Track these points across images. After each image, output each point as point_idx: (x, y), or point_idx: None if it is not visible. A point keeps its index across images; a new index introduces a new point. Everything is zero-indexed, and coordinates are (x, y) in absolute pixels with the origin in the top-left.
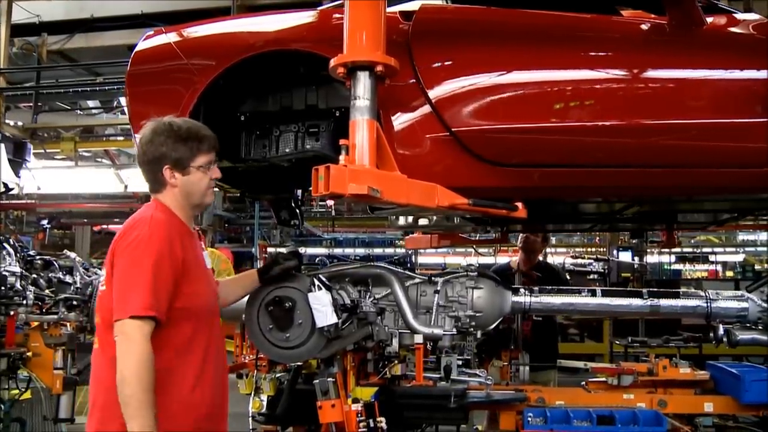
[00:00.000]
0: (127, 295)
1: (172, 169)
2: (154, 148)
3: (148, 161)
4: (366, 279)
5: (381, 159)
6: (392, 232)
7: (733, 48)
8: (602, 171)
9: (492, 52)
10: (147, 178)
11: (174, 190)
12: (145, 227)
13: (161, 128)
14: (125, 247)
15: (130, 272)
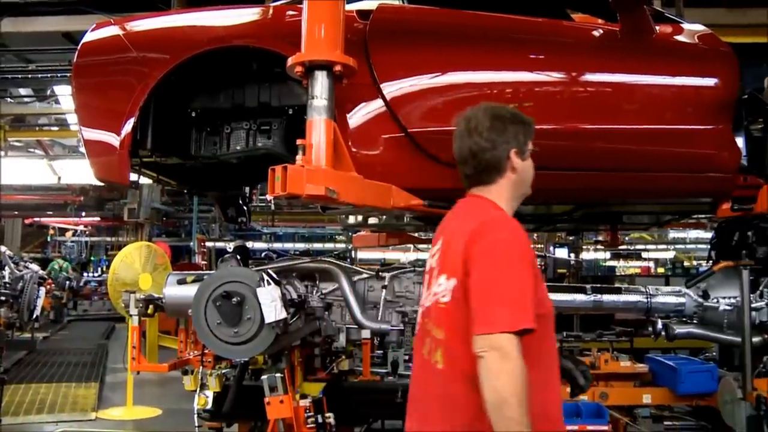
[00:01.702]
0: (499, 307)
1: (517, 155)
2: (497, 133)
3: (492, 147)
4: (313, 274)
5: (337, 159)
6: (332, 227)
7: (681, 56)
8: (554, 174)
9: (448, 54)
10: (479, 169)
11: (512, 178)
12: (503, 228)
13: (498, 112)
14: (486, 252)
15: (498, 281)
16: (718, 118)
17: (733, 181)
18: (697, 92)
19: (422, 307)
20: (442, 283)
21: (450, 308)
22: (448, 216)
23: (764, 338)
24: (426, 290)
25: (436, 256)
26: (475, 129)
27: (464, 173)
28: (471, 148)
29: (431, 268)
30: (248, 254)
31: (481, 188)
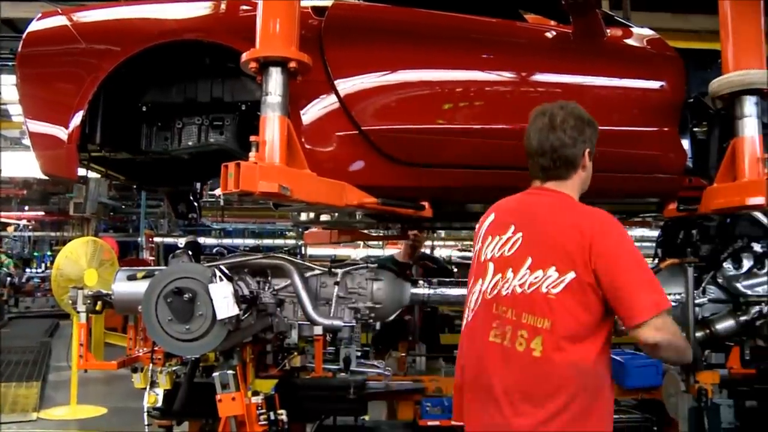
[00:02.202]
0: (646, 293)
1: (589, 155)
2: (578, 132)
3: (573, 144)
4: (265, 270)
5: (291, 156)
6: (283, 223)
7: (630, 59)
8: (507, 173)
9: (402, 52)
10: (557, 163)
11: (582, 176)
12: (617, 223)
13: (580, 113)
14: (618, 247)
15: (641, 272)
16: (666, 121)
17: (679, 182)
18: (646, 95)
19: (488, 294)
20: (551, 274)
21: (561, 299)
22: (517, 206)
23: (706, 333)
24: (490, 279)
25: (515, 245)
26: (560, 125)
27: (541, 165)
28: (553, 143)
29: (506, 257)
30: (200, 250)
31: (556, 182)
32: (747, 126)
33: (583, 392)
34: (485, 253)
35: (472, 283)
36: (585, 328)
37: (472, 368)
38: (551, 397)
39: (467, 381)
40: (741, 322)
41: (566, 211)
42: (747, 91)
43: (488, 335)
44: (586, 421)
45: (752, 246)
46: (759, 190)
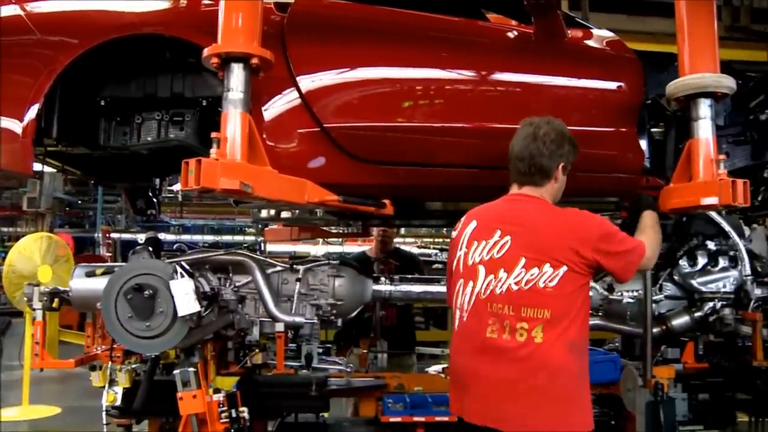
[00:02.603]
0: (632, 252)
1: (563, 169)
2: (557, 146)
3: (549, 156)
4: (226, 266)
5: (252, 153)
6: (242, 219)
7: (590, 60)
8: (467, 172)
9: (364, 50)
10: (533, 170)
11: (555, 187)
12: (591, 214)
13: (562, 130)
14: (604, 234)
15: (623, 240)
16: (624, 121)
17: (637, 182)
18: (605, 96)
19: (482, 295)
20: (546, 270)
21: (558, 290)
22: (500, 213)
23: (662, 329)
24: (483, 280)
25: (503, 248)
26: (542, 137)
27: (519, 169)
28: (532, 151)
29: (496, 259)
30: (160, 246)
31: (532, 188)
32: (702, 128)
33: (575, 372)
34: (472, 257)
35: (462, 286)
36: (576, 308)
37: (467, 364)
38: (543, 382)
39: (463, 375)
40: (695, 318)
41: (555, 214)
42: (702, 94)
43: (485, 332)
44: (575, 399)
45: (707, 244)
46: (713, 190)
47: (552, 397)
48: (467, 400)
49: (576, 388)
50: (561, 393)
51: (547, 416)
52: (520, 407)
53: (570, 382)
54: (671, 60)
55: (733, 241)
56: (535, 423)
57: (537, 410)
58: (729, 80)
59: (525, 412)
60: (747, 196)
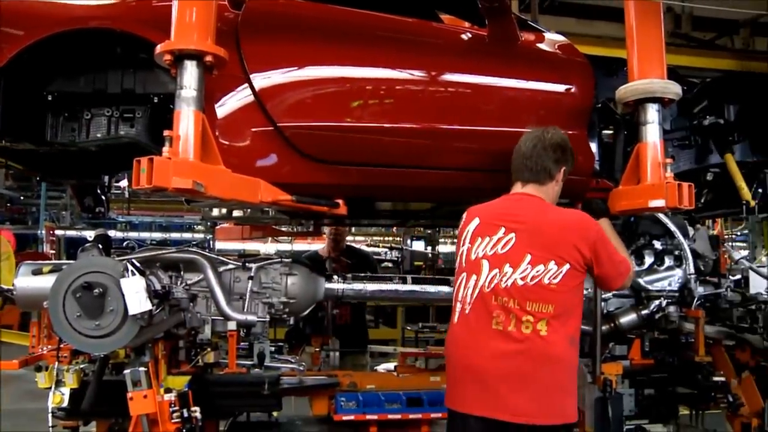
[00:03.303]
0: (625, 264)
1: (564, 173)
2: (563, 152)
3: (554, 158)
4: (178, 264)
5: (205, 152)
6: (191, 216)
7: (542, 64)
8: (421, 172)
9: (318, 49)
10: (538, 168)
11: (555, 188)
12: (592, 219)
13: (566, 139)
14: (602, 238)
15: (615, 251)
16: (575, 124)
17: (587, 184)
18: (557, 99)
19: (486, 288)
20: (551, 268)
21: (561, 287)
22: (503, 210)
23: (611, 327)
24: (487, 274)
25: (508, 244)
26: (549, 139)
27: (527, 166)
28: (539, 151)
29: (500, 254)
30: (110, 243)
31: (535, 186)
32: (650, 132)
33: (572, 365)
34: (476, 252)
35: (465, 279)
36: (576, 305)
37: (471, 355)
38: (547, 374)
39: (465, 367)
40: (642, 316)
41: (558, 212)
42: (650, 99)
43: (490, 324)
44: (571, 390)
45: (653, 243)
46: (660, 193)
47: (554, 389)
48: (471, 392)
49: (572, 380)
50: (562, 384)
51: (550, 407)
52: (526, 398)
53: (569, 374)
54: (621, 65)
55: (678, 240)
56: (539, 414)
57: (541, 401)
58: (676, 86)
59: (529, 403)
60: (692, 199)
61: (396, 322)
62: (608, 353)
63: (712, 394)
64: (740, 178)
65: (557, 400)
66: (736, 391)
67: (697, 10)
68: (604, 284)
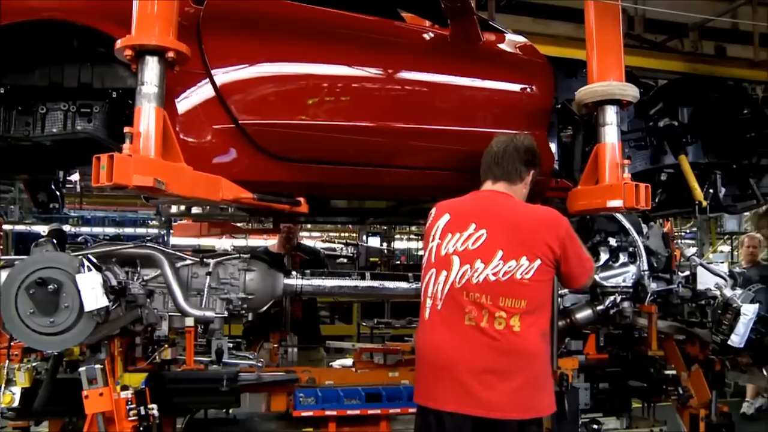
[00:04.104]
0: (590, 261)
1: (532, 176)
2: (534, 156)
3: (523, 162)
4: (134, 260)
5: (166, 149)
6: (145, 211)
7: (503, 64)
8: (382, 171)
9: (280, 46)
10: (511, 168)
11: (523, 191)
12: (563, 216)
13: (534, 144)
14: (571, 235)
15: (582, 249)
16: (536, 124)
17: (547, 184)
18: (518, 99)
19: (457, 284)
20: (523, 263)
21: (534, 282)
22: (474, 206)
23: (567, 322)
24: (457, 270)
25: (479, 240)
26: (520, 141)
27: (499, 164)
28: (511, 153)
29: (471, 250)
30: (65, 238)
31: (506, 185)
32: (608, 133)
33: (545, 359)
34: (446, 248)
35: (434, 275)
36: (547, 300)
37: (443, 351)
38: (521, 369)
39: (437, 363)
40: (597, 312)
41: (529, 209)
42: (609, 101)
43: (463, 320)
44: (545, 384)
45: (608, 240)
46: (618, 193)
47: (528, 383)
48: (444, 388)
49: (547, 373)
50: (536, 379)
51: (524, 402)
52: (500, 393)
53: (543, 368)
54: (580, 66)
55: (632, 238)
56: (513, 408)
57: (515, 396)
58: (634, 89)
59: (504, 397)
60: (649, 200)
61: (352, 318)
62: (564, 348)
63: (663, 387)
64: (693, 179)
65: (531, 395)
66: (686, 383)
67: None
68: (569, 281)
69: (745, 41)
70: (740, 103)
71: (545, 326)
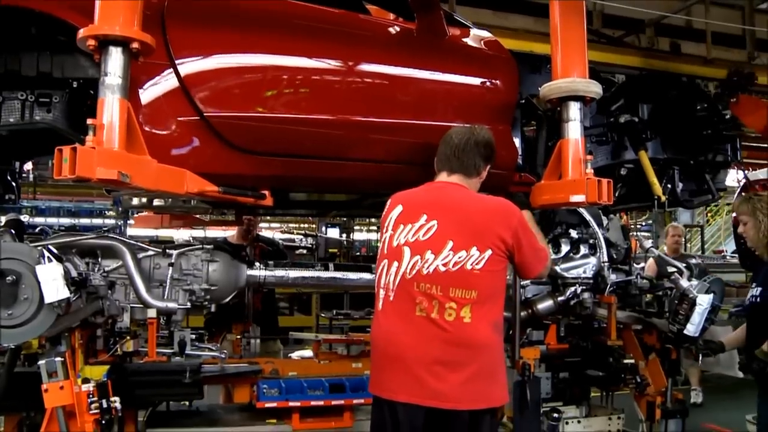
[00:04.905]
0: (544, 251)
1: (487, 169)
2: (492, 150)
3: (481, 156)
4: (95, 250)
5: (130, 141)
6: (101, 201)
7: (469, 59)
8: (348, 164)
9: (244, 38)
10: (470, 163)
11: (478, 184)
12: (516, 207)
13: (492, 137)
14: (524, 225)
15: (535, 239)
16: (500, 119)
17: (511, 178)
18: (483, 94)
19: (407, 275)
20: (473, 254)
21: (484, 272)
22: (427, 198)
23: (528, 313)
24: (408, 261)
25: (430, 231)
26: (479, 136)
27: (457, 156)
28: (470, 144)
29: (422, 241)
30: (23, 228)
31: (461, 177)
32: (572, 129)
33: (497, 350)
34: (398, 239)
35: (387, 266)
36: (499, 290)
37: (396, 343)
38: (472, 360)
39: (390, 354)
40: (558, 302)
41: (481, 200)
42: (573, 97)
43: (414, 311)
44: (497, 375)
45: (570, 232)
46: (581, 188)
47: (480, 374)
48: (396, 378)
49: (499, 365)
50: (488, 370)
51: (476, 392)
52: (451, 384)
53: (495, 359)
54: (545, 62)
55: (593, 230)
56: (465, 399)
57: (466, 386)
58: (597, 86)
59: (455, 388)
60: (611, 195)
61: (311, 309)
62: (526, 338)
63: (622, 375)
64: (652, 174)
65: (483, 386)
66: (644, 372)
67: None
68: (524, 272)
69: (699, 39)
70: (697, 101)
71: (497, 317)
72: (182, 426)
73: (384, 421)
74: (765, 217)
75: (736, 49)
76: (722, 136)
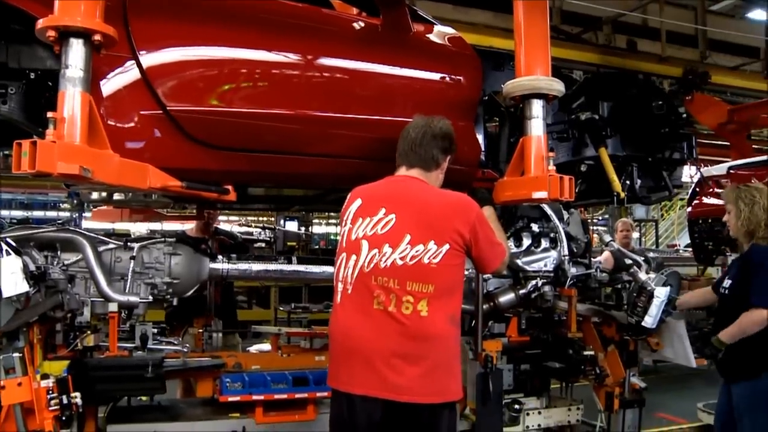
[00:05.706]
0: (501, 246)
1: (447, 162)
2: (450, 142)
3: (441, 147)
4: (54, 243)
5: (92, 135)
6: (55, 193)
7: (432, 55)
8: (309, 159)
9: (207, 31)
10: (428, 156)
11: (440, 177)
12: (474, 202)
13: (451, 129)
14: (482, 220)
15: (493, 234)
16: (463, 115)
17: (474, 174)
18: (445, 90)
19: (365, 268)
20: (431, 247)
21: (441, 266)
22: (386, 191)
23: (490, 306)
24: (366, 254)
25: (388, 225)
26: (437, 128)
27: (415, 151)
28: (428, 139)
29: (380, 235)
30: None
31: (420, 171)
32: (534, 126)
33: (454, 343)
34: (356, 232)
35: (345, 259)
36: (456, 284)
37: (353, 336)
38: (429, 353)
39: (348, 347)
40: (520, 295)
41: (440, 194)
42: (536, 95)
43: (372, 304)
44: (453, 369)
45: (531, 226)
46: (543, 185)
47: (436, 367)
48: (354, 371)
49: (455, 358)
50: (444, 363)
51: (433, 386)
52: (408, 377)
53: (451, 352)
54: (508, 59)
55: (553, 224)
56: (422, 392)
57: (423, 380)
58: (560, 84)
59: (412, 381)
60: (572, 191)
61: (269, 303)
62: (488, 331)
63: (581, 367)
64: (612, 171)
65: (440, 379)
66: (603, 364)
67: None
68: (481, 266)
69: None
70: (655, 99)
71: (454, 310)
72: (144, 421)
73: (342, 414)
74: (746, 206)
75: (689, 48)
76: (679, 134)
